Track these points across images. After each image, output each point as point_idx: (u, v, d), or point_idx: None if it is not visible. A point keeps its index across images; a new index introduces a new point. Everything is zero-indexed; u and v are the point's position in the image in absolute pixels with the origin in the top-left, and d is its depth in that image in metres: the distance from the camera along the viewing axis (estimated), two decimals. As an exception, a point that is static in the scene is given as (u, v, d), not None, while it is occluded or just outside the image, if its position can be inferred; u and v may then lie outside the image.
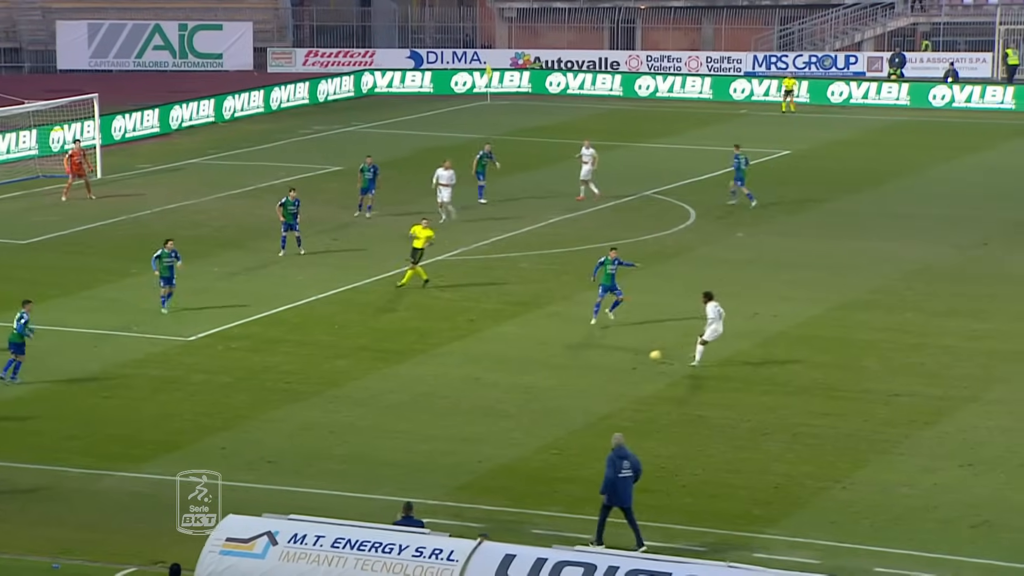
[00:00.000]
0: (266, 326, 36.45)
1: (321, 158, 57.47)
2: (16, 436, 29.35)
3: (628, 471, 24.48)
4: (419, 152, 58.44)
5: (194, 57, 79.99)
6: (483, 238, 44.91)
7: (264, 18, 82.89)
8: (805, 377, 32.99)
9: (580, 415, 30.22)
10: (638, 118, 67.19)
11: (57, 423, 30.00)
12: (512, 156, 57.82)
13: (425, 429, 29.89)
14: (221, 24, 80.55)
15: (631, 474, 24.48)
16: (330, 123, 66.09)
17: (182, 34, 79.83)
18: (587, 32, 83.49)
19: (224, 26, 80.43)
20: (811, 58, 79.48)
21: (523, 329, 36.40)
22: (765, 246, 43.40)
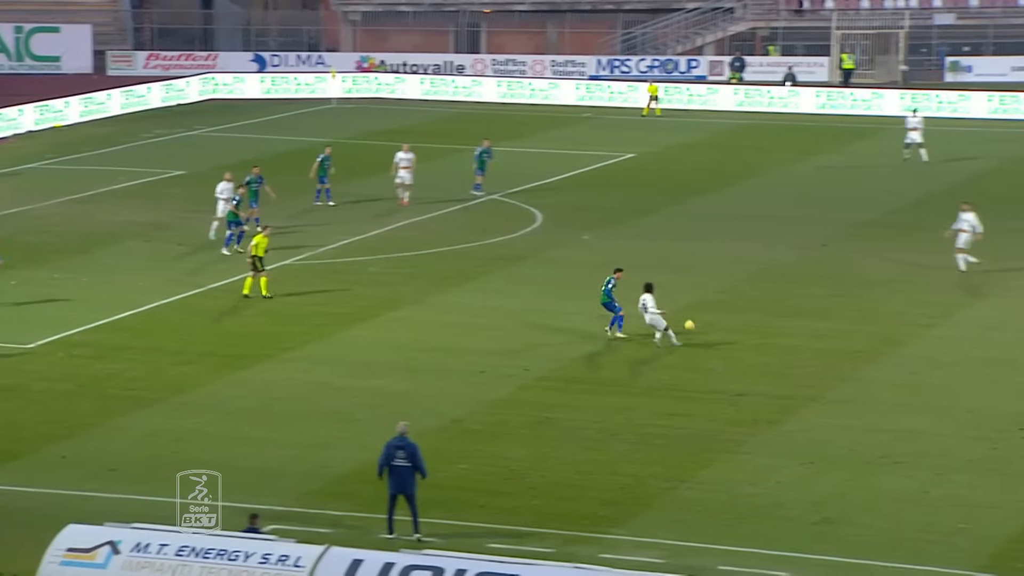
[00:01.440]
0: (109, 333, 35.90)
1: (164, 162, 56.75)
2: None
3: (404, 460, 24.72)
4: (265, 156, 57.93)
5: (31, 60, 78.58)
6: (331, 242, 44.70)
7: (103, 20, 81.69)
8: (652, 378, 33.35)
9: (430, 419, 30.22)
10: (484, 121, 67.37)
11: None
12: (359, 160, 57.68)
13: (274, 435, 29.66)
14: (59, 27, 79.20)
15: (407, 464, 24.70)
16: (172, 127, 65.31)
17: (18, 36, 78.36)
18: (432, 35, 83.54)
19: (62, 28, 79.10)
20: (654, 62, 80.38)
21: (373, 333, 36.30)
22: (612, 248, 43.76)
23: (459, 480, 27.39)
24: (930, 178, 55.35)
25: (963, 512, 26.06)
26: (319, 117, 69.29)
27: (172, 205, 49.40)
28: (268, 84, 75.19)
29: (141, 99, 70.25)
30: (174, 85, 72.72)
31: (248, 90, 74.52)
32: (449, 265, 42.35)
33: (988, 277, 40.27)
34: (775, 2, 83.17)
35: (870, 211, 49.95)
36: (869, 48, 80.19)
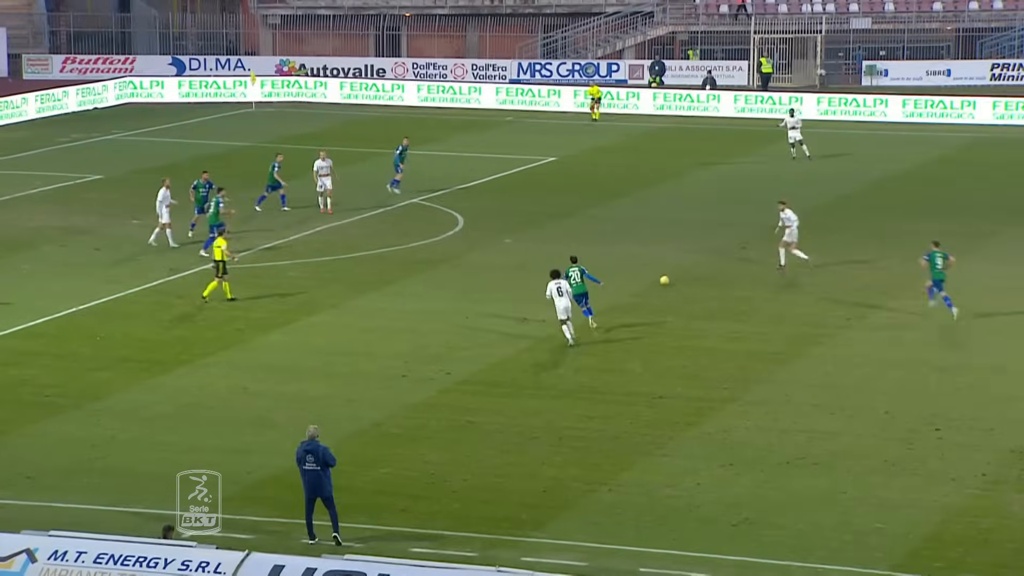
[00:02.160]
0: (23, 339, 35.54)
1: (81, 167, 56.24)
2: None
3: (313, 464, 24.71)
4: (184, 161, 57.61)
5: (-55, 64, 77.67)
6: (249, 246, 44.47)
7: (18, 23, 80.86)
8: (571, 381, 33.44)
9: (350, 423, 30.13)
10: (405, 125, 67.29)
11: None
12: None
13: (191, 440, 29.48)
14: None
15: (317, 467, 24.68)
16: (89, 131, 64.76)
17: (-69, 39, 77.46)
18: (352, 39, 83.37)
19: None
20: (575, 66, 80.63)
21: (291, 337, 36.16)
22: (532, 252, 43.86)
23: (379, 484, 27.35)
24: (844, 181, 55.88)
25: (879, 512, 26.31)
26: (239, 121, 68.95)
27: (89, 210, 48.95)
28: (187, 88, 74.76)
29: (57, 103, 69.62)
30: (91, 89, 72.14)
31: (167, 94, 74.06)
32: (368, 269, 42.26)
33: (899, 278, 40.72)
34: (694, 6, 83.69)
35: (787, 214, 50.27)
36: (787, 52, 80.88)
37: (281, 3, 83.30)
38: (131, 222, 47.05)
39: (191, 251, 43.57)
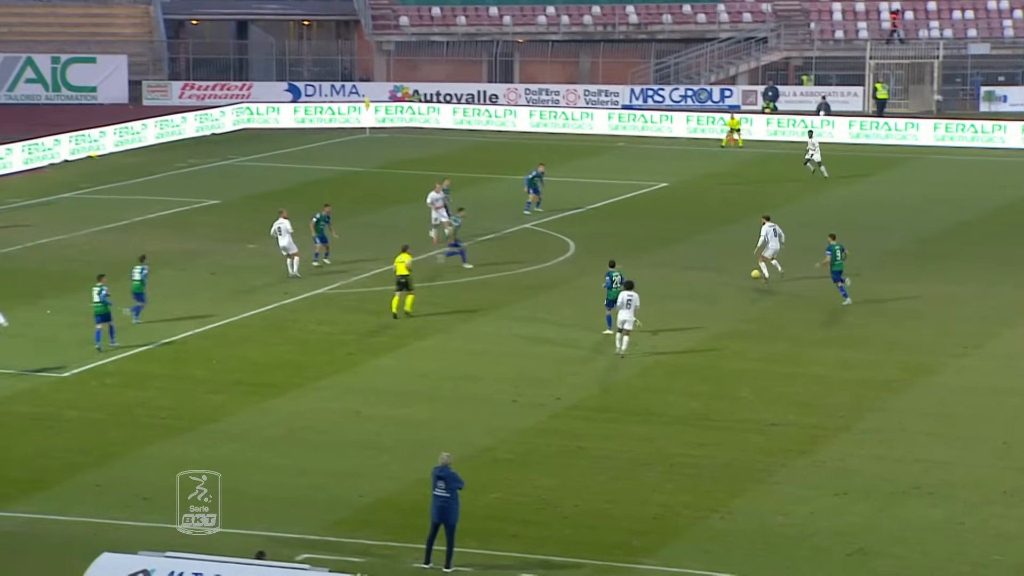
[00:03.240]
0: (140, 361, 36.04)
1: (197, 192, 57.00)
2: None
3: (444, 491, 24.69)
4: (298, 186, 58.21)
5: (67, 90, 79.10)
6: (362, 271, 44.81)
7: (139, 51, 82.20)
8: (682, 407, 33.26)
9: (459, 447, 30.14)
10: (517, 150, 67.52)
11: (-76, 463, 29.41)
12: (390, 189, 57.91)
13: (302, 463, 29.70)
14: (95, 57, 79.75)
15: (447, 494, 24.67)
16: (206, 156, 65.63)
17: (55, 67, 78.90)
18: (465, 65, 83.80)
19: (98, 59, 79.63)
20: (687, 91, 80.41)
21: (402, 362, 36.34)
22: (641, 277, 43.68)
23: (489, 509, 27.36)
24: (962, 208, 55.17)
25: (997, 543, 25.87)
26: (352, 146, 69.54)
27: (204, 234, 49.57)
28: (302, 113, 75.55)
29: (176, 129, 70.64)
30: (209, 115, 73.14)
31: (282, 120, 74.87)
32: (478, 294, 42.38)
33: (1017, 306, 40.06)
34: (808, 32, 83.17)
35: (900, 240, 49.80)
36: (903, 78, 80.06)
37: (395, 30, 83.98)
38: (246, 246, 47.61)
39: (307, 278, 43.96)
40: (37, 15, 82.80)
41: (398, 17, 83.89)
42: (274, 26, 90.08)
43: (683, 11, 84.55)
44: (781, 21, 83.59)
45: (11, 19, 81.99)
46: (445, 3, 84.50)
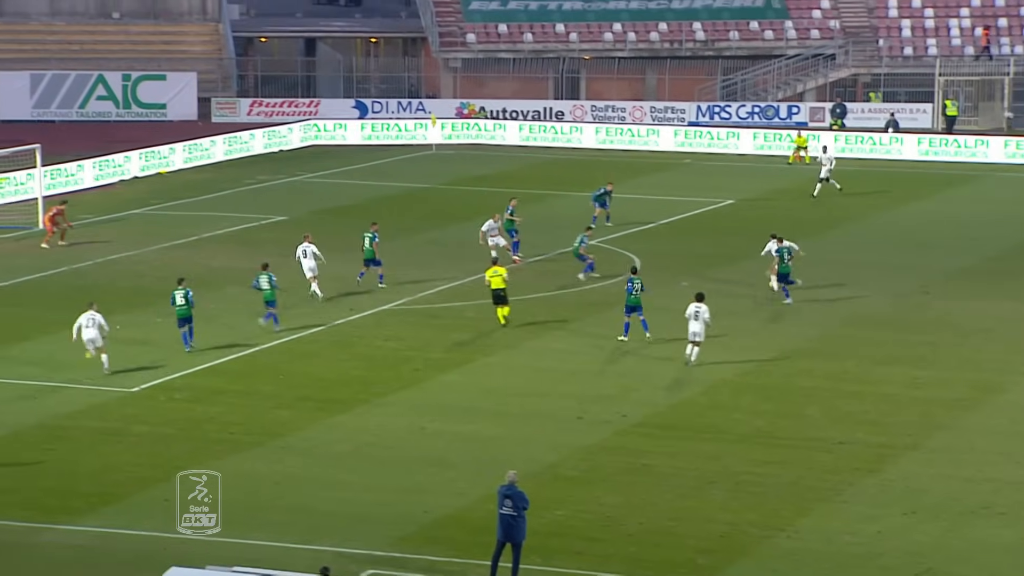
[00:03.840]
0: (209, 376, 36.31)
1: (265, 208, 57.35)
2: (-46, 489, 29.01)
3: (511, 509, 24.67)
4: (365, 202, 58.46)
5: (138, 107, 79.83)
6: (428, 287, 44.95)
7: (208, 68, 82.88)
8: (748, 425, 33.13)
9: (525, 464, 30.14)
10: (583, 167, 67.54)
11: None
12: (456, 205, 58.06)
13: (369, 479, 29.81)
14: (165, 74, 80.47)
15: (514, 512, 24.65)
16: (274, 173, 66.05)
17: (125, 84, 79.66)
18: (532, 82, 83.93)
19: (168, 76, 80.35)
20: (754, 108, 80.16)
21: (468, 378, 36.42)
22: (710, 294, 43.56)
23: (554, 526, 27.35)
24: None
25: (1067, 564, 25.60)
26: (419, 163, 69.80)
27: (271, 250, 49.83)
28: (369, 130, 75.89)
29: (244, 145, 71.14)
30: (277, 131, 73.62)
31: (349, 136, 75.24)
32: (544, 310, 42.40)
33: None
34: (877, 48, 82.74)
35: (969, 258, 49.41)
36: (973, 95, 79.44)
37: (462, 47, 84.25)
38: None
39: (372, 292, 44.15)
40: (109, 33, 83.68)
41: (465, 34, 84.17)
42: (342, 43, 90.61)
43: (750, 28, 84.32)
44: (849, 38, 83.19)
45: (83, 37, 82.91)
46: (512, 20, 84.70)
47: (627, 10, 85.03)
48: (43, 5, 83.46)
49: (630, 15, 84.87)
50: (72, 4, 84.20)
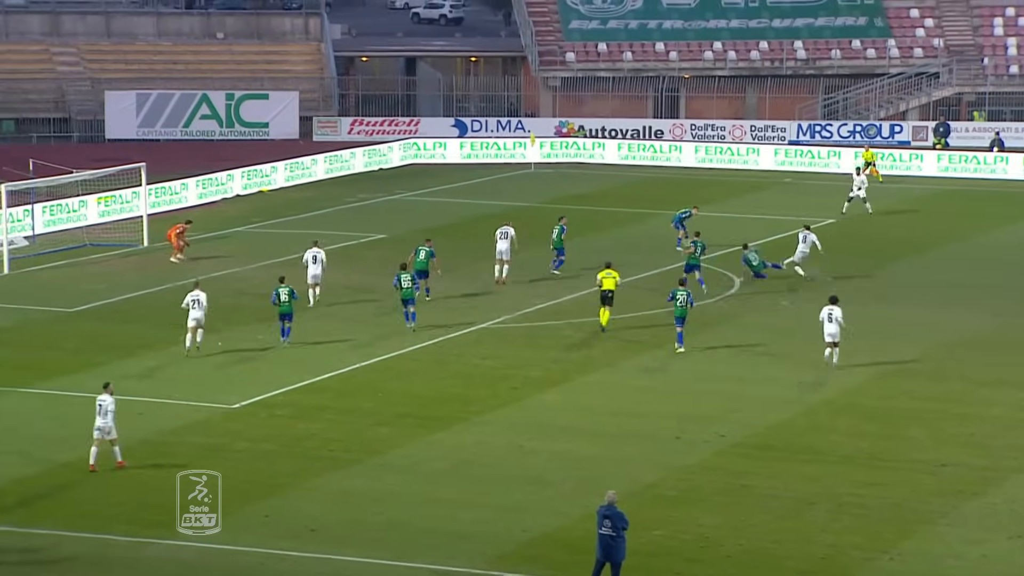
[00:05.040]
0: (309, 393, 36.54)
1: (365, 226, 57.67)
2: (61, 503, 29.39)
3: (609, 529, 24.54)
4: (464, 221, 58.64)
5: (240, 126, 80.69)
6: (526, 305, 44.97)
7: (310, 87, 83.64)
8: (850, 446, 32.78)
9: (623, 483, 30.03)
10: (682, 186, 67.27)
11: (101, 491, 30.07)
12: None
13: (466, 497, 29.83)
14: (267, 93, 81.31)
15: (613, 533, 24.54)
16: (374, 191, 66.44)
17: (229, 103, 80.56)
18: (631, 100, 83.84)
19: (270, 95, 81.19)
20: (856, 127, 79.50)
21: (566, 396, 36.37)
22: (809, 314, 43.22)
23: (653, 546, 27.21)
24: None
25: None
26: (518, 181, 69.90)
27: (371, 268, 50.12)
28: (468, 149, 76.16)
29: (345, 164, 71.66)
30: (377, 150, 74.09)
31: (448, 155, 75.54)
32: (643, 329, 42.25)
33: None
34: (982, 67, 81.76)
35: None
36: (1080, 113, 78.35)
37: (562, 66, 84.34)
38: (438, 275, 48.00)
39: (471, 311, 44.28)
40: (213, 53, 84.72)
41: (564, 53, 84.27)
42: (442, 62, 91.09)
43: (852, 46, 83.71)
44: (953, 56, 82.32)
45: (188, 57, 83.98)
46: (612, 39, 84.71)
47: (728, 29, 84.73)
48: (150, 26, 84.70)
49: (730, 33, 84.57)
50: (178, 25, 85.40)
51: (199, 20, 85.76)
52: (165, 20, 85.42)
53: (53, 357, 39.33)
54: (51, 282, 49.02)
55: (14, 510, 28.28)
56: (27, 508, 28.37)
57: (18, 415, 34.70)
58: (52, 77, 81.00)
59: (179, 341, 40.50)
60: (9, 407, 35.33)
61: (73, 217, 57.19)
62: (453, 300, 45.51)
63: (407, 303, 41.46)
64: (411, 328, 41.10)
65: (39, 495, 29.12)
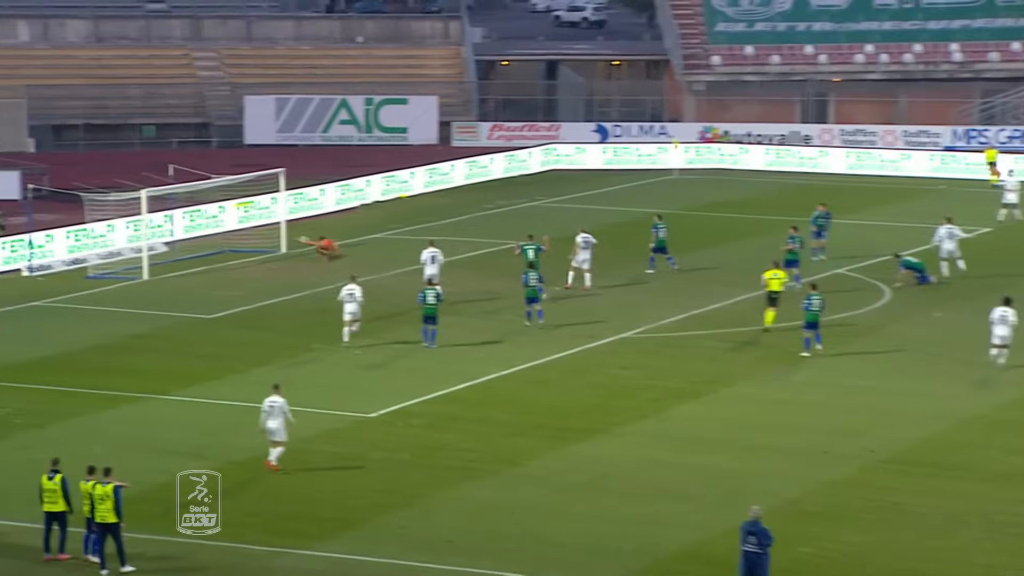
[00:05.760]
0: (445, 403, 36.83)
1: (503, 233, 57.88)
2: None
3: (754, 547, 24.38)
4: (603, 227, 58.57)
5: (379, 131, 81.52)
6: (667, 315, 44.88)
7: (450, 92, 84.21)
8: (1003, 463, 32.28)
9: (766, 499, 29.87)
10: (830, 193, 66.54)
11: (237, 500, 30.55)
12: (697, 232, 57.81)
13: (604, 510, 29.87)
14: (407, 98, 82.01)
15: (758, 549, 24.36)
16: (513, 198, 66.71)
17: (368, 108, 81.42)
18: (777, 105, 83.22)
19: (410, 100, 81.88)
20: (1015, 132, 78.12)
21: (707, 409, 36.26)
22: (962, 326, 42.67)
23: (797, 564, 27.04)
24: None
25: None
26: (659, 188, 69.73)
27: (509, 275, 50.27)
28: (609, 154, 76.16)
29: (484, 170, 72.07)
30: (516, 156, 74.40)
31: (589, 160, 75.60)
32: (786, 340, 41.94)
33: None
34: None
35: None
36: None
37: (706, 69, 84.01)
38: (556, 288, 48.22)
39: (609, 320, 44.31)
40: (352, 57, 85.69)
41: (709, 56, 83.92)
42: (583, 66, 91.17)
43: (1011, 48, 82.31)
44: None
45: (327, 61, 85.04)
46: (759, 42, 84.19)
47: (879, 31, 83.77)
48: (289, 30, 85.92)
49: (882, 36, 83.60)
50: (317, 29, 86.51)
51: (339, 24, 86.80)
52: (304, 24, 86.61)
53: (191, 364, 40.09)
54: (189, 288, 49.93)
55: (159, 518, 28.80)
56: (169, 517, 28.84)
57: (157, 423, 35.41)
58: (192, 82, 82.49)
59: (316, 348, 41.08)
60: (148, 414, 36.08)
61: (212, 223, 58.22)
62: (591, 309, 45.54)
63: (531, 301, 42.68)
64: (537, 325, 42.35)
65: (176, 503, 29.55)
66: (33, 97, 78.23)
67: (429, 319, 41.30)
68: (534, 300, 42.99)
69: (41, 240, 52.59)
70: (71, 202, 56.65)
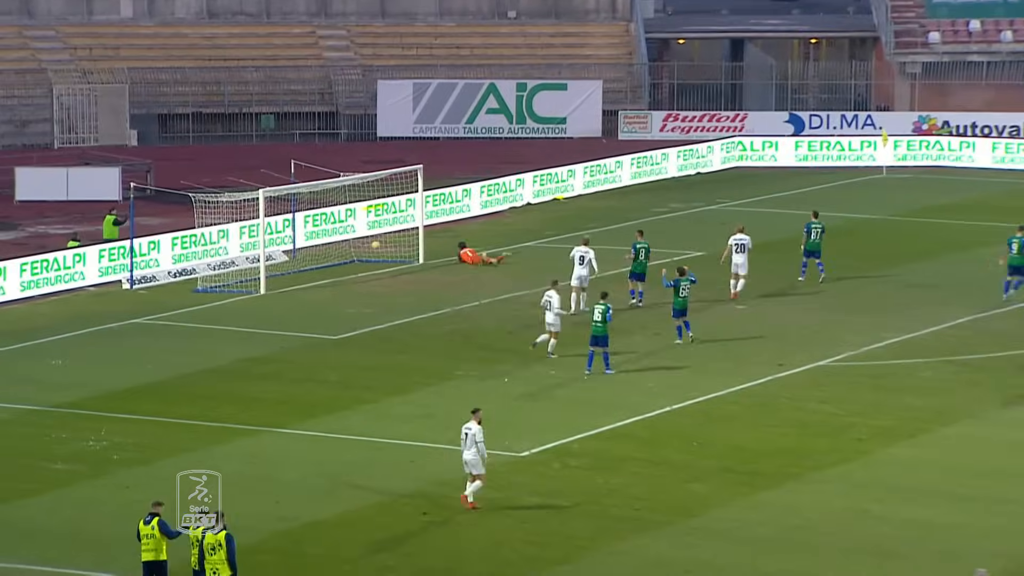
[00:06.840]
0: (611, 441, 36.93)
1: (676, 240, 57.85)
2: (325, 565, 30.28)
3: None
4: (797, 236, 58.34)
5: (533, 122, 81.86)
6: (875, 340, 44.59)
7: (616, 76, 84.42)
8: None
9: (992, 560, 29.56)
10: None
11: (368, 551, 30.89)
12: (910, 241, 57.32)
13: (798, 569, 29.77)
14: (566, 84, 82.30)
15: None
16: (690, 199, 66.65)
17: (520, 95, 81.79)
18: (1010, 91, 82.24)
19: (569, 86, 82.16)
20: None
21: (921, 451, 35.99)
22: None
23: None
24: None
25: None
26: (865, 189, 69.25)
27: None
28: (804, 149, 75.81)
29: (656, 167, 72.09)
30: (694, 151, 74.35)
31: (781, 157, 75.32)
32: (1019, 372, 41.43)
33: None
34: None
35: None
36: None
37: (923, 48, 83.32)
38: (734, 308, 48.11)
39: (806, 345, 44.10)
40: (503, 35, 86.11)
41: (927, 33, 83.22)
42: (775, 45, 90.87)
43: None
44: None
45: (474, 40, 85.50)
46: (986, 15, 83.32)
47: None
48: (431, 4, 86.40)
49: None
50: (463, 3, 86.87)
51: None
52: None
53: (314, 392, 40.62)
54: (312, 304, 50.58)
55: (276, 569, 29.22)
56: (287, 568, 29.19)
57: (275, 460, 35.92)
58: (318, 64, 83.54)
59: (459, 375, 41.44)
60: (264, 450, 36.62)
61: (339, 228, 58.95)
62: (784, 331, 45.35)
63: (679, 314, 43.78)
64: (688, 340, 43.54)
65: (298, 553, 30.05)
66: (136, 82, 79.91)
67: (597, 340, 41.28)
68: (680, 312, 43.84)
69: (144, 247, 53.61)
70: (178, 204, 57.72)
